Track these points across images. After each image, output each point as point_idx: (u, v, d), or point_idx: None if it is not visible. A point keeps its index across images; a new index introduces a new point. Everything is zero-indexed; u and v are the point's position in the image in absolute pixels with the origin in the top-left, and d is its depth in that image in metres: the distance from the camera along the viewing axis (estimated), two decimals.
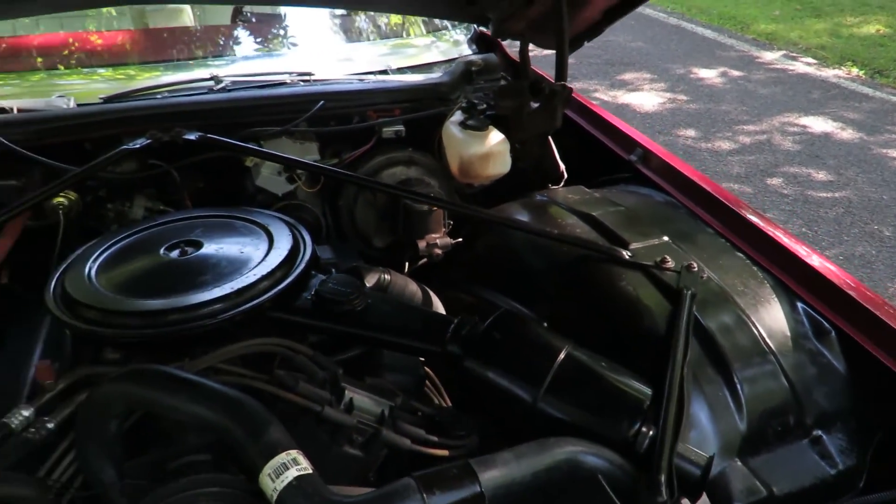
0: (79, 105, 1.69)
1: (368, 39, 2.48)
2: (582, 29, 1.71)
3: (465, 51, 2.30)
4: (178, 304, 1.12)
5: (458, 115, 1.83)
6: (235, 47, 2.25)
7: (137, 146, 1.48)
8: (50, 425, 0.99)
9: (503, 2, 1.58)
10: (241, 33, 2.30)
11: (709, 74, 6.40)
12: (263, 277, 1.19)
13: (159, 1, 1.76)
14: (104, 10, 2.24)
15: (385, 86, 1.89)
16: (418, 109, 1.87)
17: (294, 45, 2.35)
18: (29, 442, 0.96)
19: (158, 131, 1.52)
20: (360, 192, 1.82)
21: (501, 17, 1.63)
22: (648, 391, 1.03)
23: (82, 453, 0.94)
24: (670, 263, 1.30)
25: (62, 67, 2.03)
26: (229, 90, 1.77)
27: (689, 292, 1.22)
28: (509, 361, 1.06)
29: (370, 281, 1.37)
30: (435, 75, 2.06)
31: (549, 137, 1.84)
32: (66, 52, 2.09)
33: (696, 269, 1.29)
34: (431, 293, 1.46)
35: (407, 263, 1.82)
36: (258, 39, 2.31)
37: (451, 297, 1.57)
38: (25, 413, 0.97)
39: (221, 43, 2.28)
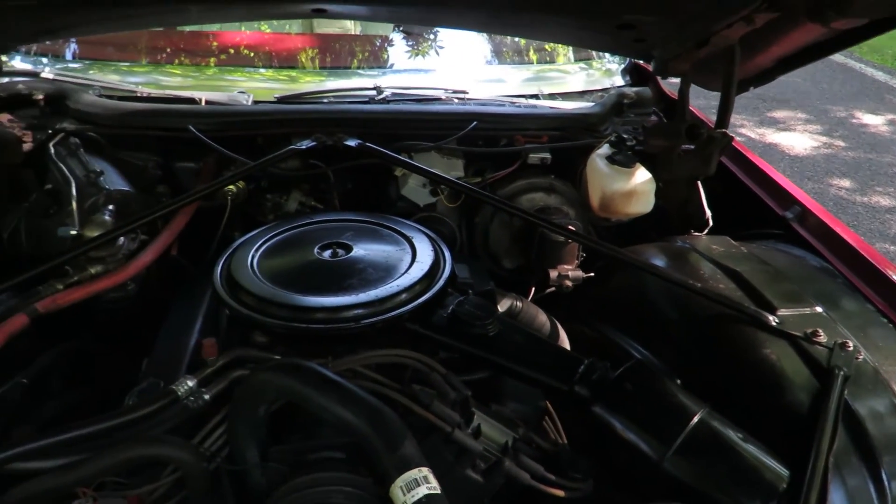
0: (255, 102, 1.85)
1: (518, 62, 2.51)
2: (751, 74, 1.64)
3: (618, 81, 2.27)
4: (326, 303, 1.21)
5: (604, 148, 1.82)
6: (395, 59, 2.35)
7: (304, 147, 1.60)
8: (206, 397, 1.10)
9: (673, 42, 1.55)
10: (401, 45, 2.41)
11: (874, 121, 5.88)
12: (405, 289, 1.25)
13: (311, 16, 1.85)
14: None
15: (535, 112, 1.91)
16: (566, 137, 1.87)
17: (448, 61, 2.43)
18: (188, 410, 1.07)
19: (323, 135, 1.64)
20: (497, 212, 1.86)
21: (668, 56, 1.60)
22: (785, 473, 0.98)
23: (232, 430, 1.03)
24: (822, 338, 1.22)
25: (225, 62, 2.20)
26: (389, 101, 1.86)
27: (842, 373, 1.14)
28: (639, 414, 1.04)
29: (502, 306, 1.40)
30: (585, 105, 2.06)
31: (698, 182, 1.78)
32: (238, 49, 2.29)
33: (850, 347, 1.21)
34: (559, 326, 1.46)
35: (533, 289, 1.83)
36: (416, 53, 2.41)
37: (574, 330, 1.56)
38: (190, 383, 1.08)
39: (382, 54, 2.40)
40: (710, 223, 1.77)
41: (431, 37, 2.47)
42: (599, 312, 1.62)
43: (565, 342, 1.46)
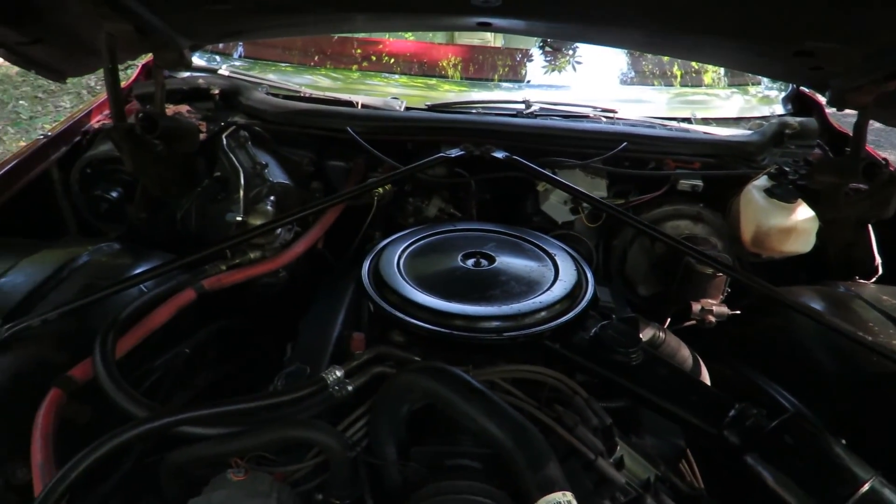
0: (407, 109, 1.91)
1: (661, 82, 2.43)
2: None
3: (778, 109, 2.14)
4: (469, 311, 1.22)
5: (762, 180, 1.71)
6: (538, 73, 2.36)
7: (453, 155, 1.64)
8: (350, 388, 1.14)
9: (856, 72, 1.43)
10: (548, 60, 2.41)
11: None
12: (546, 306, 1.24)
13: (475, 29, 1.88)
14: None
15: (688, 136, 1.84)
16: (720, 165, 1.79)
17: (591, 78, 2.40)
18: (331, 398, 1.12)
19: (472, 145, 1.66)
20: (637, 236, 1.80)
21: (847, 87, 1.48)
22: None
23: (374, 424, 1.06)
24: None
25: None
26: (536, 115, 1.86)
27: None
28: (800, 472, 0.97)
29: (644, 335, 1.35)
30: (741, 132, 1.95)
31: (869, 225, 1.63)
32: (382, 56, 2.39)
33: None
34: (702, 363, 1.39)
35: (669, 320, 1.75)
36: (558, 68, 2.39)
37: (713, 370, 1.48)
38: (338, 373, 1.12)
39: (521, 68, 2.41)
40: (880, 271, 1.61)
41: (571, 52, 2.46)
42: (743, 354, 1.53)
43: (706, 380, 1.38)
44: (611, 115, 1.91)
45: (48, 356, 1.17)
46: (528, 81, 2.34)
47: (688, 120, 1.97)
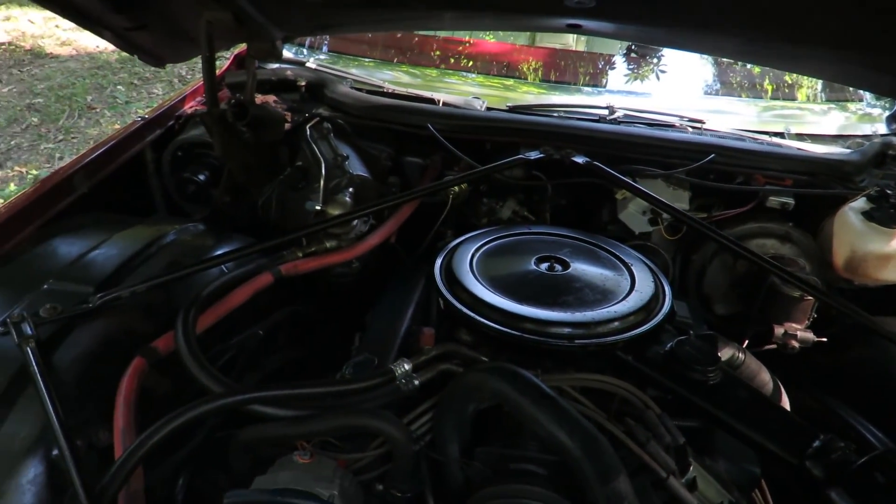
0: (488, 109, 1.90)
1: (751, 94, 2.33)
2: None
3: (881, 129, 2.01)
4: (541, 316, 1.20)
5: (860, 202, 1.61)
6: (621, 79, 2.30)
7: (532, 157, 1.62)
8: (416, 383, 1.14)
9: None
10: (631, 68, 2.35)
11: None
12: (621, 316, 1.21)
13: (565, 31, 1.86)
14: None
15: (780, 151, 1.75)
16: (814, 184, 1.69)
17: (675, 86, 2.33)
18: (398, 391, 1.12)
19: (552, 148, 1.64)
20: (718, 252, 1.73)
21: None
22: None
23: (439, 421, 1.06)
24: None
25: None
26: (619, 122, 1.82)
27: None
28: None
29: (723, 354, 1.30)
30: (839, 150, 1.85)
31: None
32: (462, 55, 2.39)
33: None
34: (782, 390, 1.32)
35: (746, 342, 1.67)
36: (641, 76, 2.33)
37: (793, 398, 1.40)
38: (407, 367, 1.13)
39: (603, 75, 2.36)
40: None
41: (656, 60, 2.39)
42: (829, 384, 1.44)
43: (786, 406, 1.31)
44: (698, 125, 1.84)
45: (135, 326, 1.22)
46: (611, 87, 2.28)
47: (780, 135, 1.88)
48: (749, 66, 2.34)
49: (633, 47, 2.26)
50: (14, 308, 1.14)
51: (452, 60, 2.32)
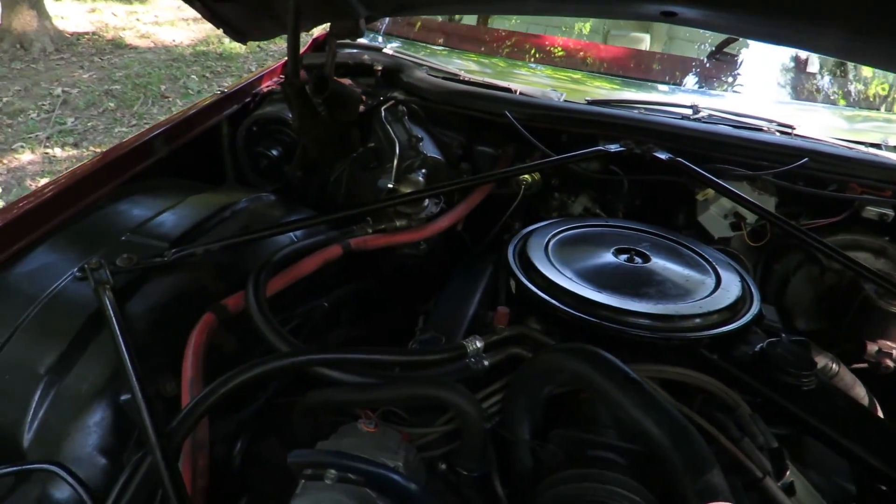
0: (566, 101, 1.86)
1: (850, 103, 2.22)
2: None
3: None
4: (620, 304, 1.14)
5: None
6: (705, 82, 2.22)
7: (612, 150, 1.56)
8: (486, 363, 1.10)
9: None
10: (717, 69, 2.27)
11: None
12: (705, 313, 1.14)
13: (658, 19, 1.80)
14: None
15: (880, 160, 1.64)
16: None
17: (767, 91, 2.24)
18: (467, 369, 1.08)
19: (633, 142, 1.58)
20: (804, 262, 1.63)
21: None
22: None
23: (511, 401, 1.01)
24: None
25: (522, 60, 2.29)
26: (705, 122, 1.75)
27: None
28: None
29: (817, 363, 1.20)
30: None
31: None
32: (534, 47, 2.35)
33: None
34: (878, 407, 1.22)
35: None
36: (734, 80, 2.24)
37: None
38: (478, 344, 1.08)
39: (690, 75, 2.29)
40: None
41: (739, 64, 2.30)
42: None
43: None
44: (788, 130, 1.75)
45: (206, 283, 1.22)
46: (689, 86, 2.21)
47: (877, 146, 1.77)
48: (835, 73, 2.25)
49: (717, 52, 2.18)
50: (92, 257, 1.15)
51: (527, 51, 2.29)
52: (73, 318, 1.08)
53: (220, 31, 1.62)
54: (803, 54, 2.23)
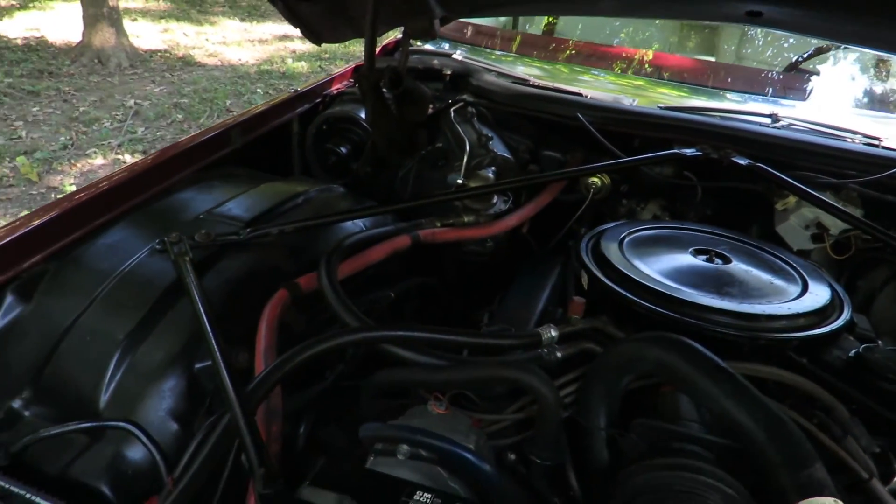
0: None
1: None
2: None
3: None
4: (700, 301, 1.09)
5: None
6: (787, 93, 2.16)
7: (688, 154, 1.52)
8: (559, 355, 1.07)
9: None
10: (794, 81, 2.20)
11: None
12: (795, 315, 1.08)
13: (741, 21, 1.74)
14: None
15: None
16: None
17: (852, 106, 2.16)
18: (539, 359, 1.05)
19: (710, 147, 1.53)
20: (893, 279, 1.54)
21: None
22: None
23: (587, 391, 0.97)
24: None
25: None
26: (785, 130, 1.69)
27: None
28: None
29: None
30: None
31: None
32: (595, 56, 2.34)
33: None
34: None
35: None
36: (811, 92, 2.17)
37: None
38: (553, 333, 1.05)
39: (766, 86, 2.22)
40: None
41: (815, 77, 2.22)
42: None
43: None
44: (874, 142, 1.68)
45: (279, 263, 1.23)
46: (767, 97, 2.13)
47: None
48: None
49: (797, 62, 2.12)
50: (171, 232, 1.18)
51: (587, 59, 2.27)
52: (152, 288, 1.10)
53: (284, 52, 1.66)
54: (885, 63, 2.15)
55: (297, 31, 1.64)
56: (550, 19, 2.74)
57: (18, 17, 8.02)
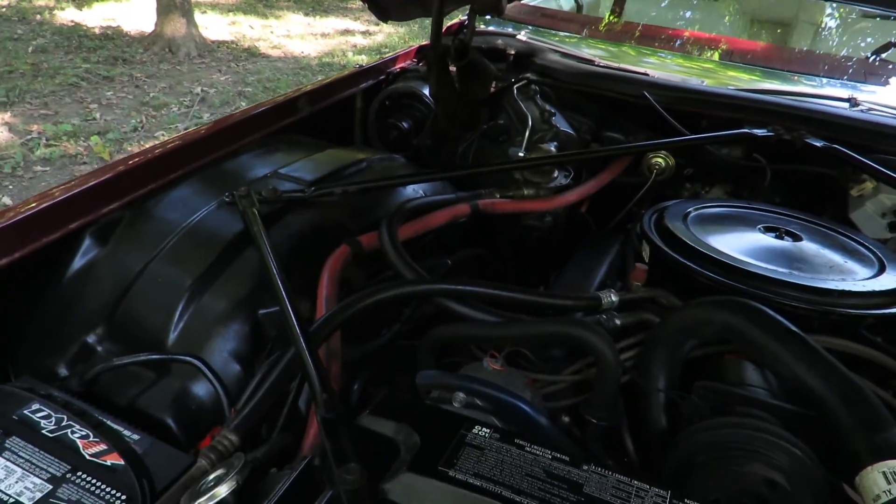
0: None
1: None
2: None
3: None
4: (768, 273, 1.06)
5: None
6: (867, 79, 2.06)
7: (759, 134, 1.47)
8: (617, 322, 1.05)
9: None
10: (875, 69, 2.10)
11: None
12: (870, 293, 1.03)
13: None
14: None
15: None
16: None
17: None
18: (598, 325, 1.03)
19: (782, 128, 1.48)
20: None
21: None
22: None
23: (648, 355, 0.95)
24: None
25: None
26: (864, 113, 1.62)
27: None
28: None
29: None
30: None
31: None
32: (663, 38, 2.29)
33: None
34: None
35: None
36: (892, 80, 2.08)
37: None
38: (613, 297, 1.04)
39: (846, 70, 2.13)
40: None
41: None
42: None
43: None
44: None
45: (342, 221, 1.25)
46: (868, 86, 2.03)
47: None
48: None
49: (881, 53, 2.03)
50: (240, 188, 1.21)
51: (654, 41, 2.23)
52: (220, 237, 1.13)
53: (345, 46, 1.69)
54: None
55: (358, 26, 1.66)
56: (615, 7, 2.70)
57: (97, 8, 8.40)
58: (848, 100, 1.67)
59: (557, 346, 1.05)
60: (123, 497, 0.75)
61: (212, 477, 0.65)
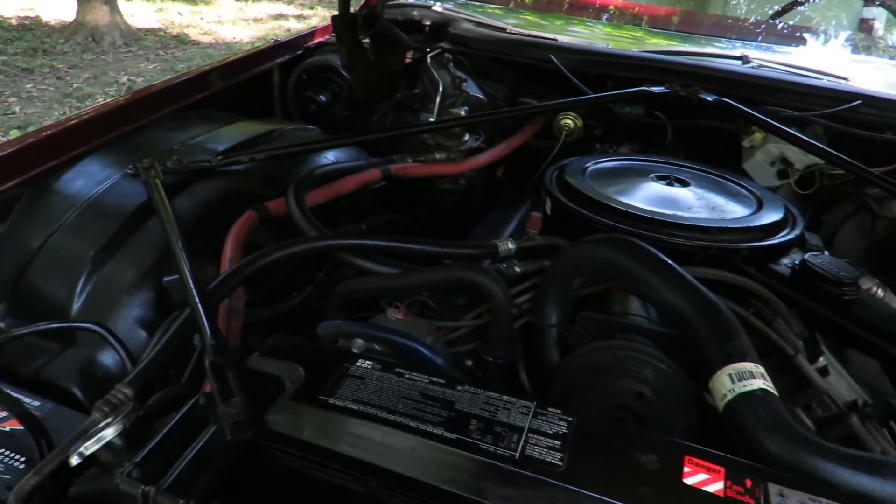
0: None
1: None
2: None
3: None
4: (655, 216, 1.12)
5: None
6: (768, 39, 2.19)
7: (655, 91, 1.54)
8: (517, 269, 1.11)
9: None
10: (778, 32, 2.23)
11: None
12: (746, 228, 1.12)
13: None
14: None
15: None
16: None
17: (822, 46, 2.19)
18: (498, 273, 1.09)
19: (678, 85, 1.56)
20: (854, 214, 1.57)
21: None
22: None
23: (541, 295, 1.01)
24: None
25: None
26: (754, 69, 1.71)
27: None
28: None
29: (861, 284, 1.16)
30: None
31: None
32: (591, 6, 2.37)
33: None
34: None
35: None
36: (795, 40, 2.20)
37: None
38: (510, 245, 1.09)
39: (754, 33, 2.26)
40: None
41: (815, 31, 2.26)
42: None
43: None
44: (842, 80, 1.70)
45: (254, 188, 1.27)
46: (747, 43, 2.17)
47: None
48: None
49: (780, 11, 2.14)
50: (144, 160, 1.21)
51: (582, 9, 2.31)
52: (123, 208, 1.14)
53: (279, 30, 1.69)
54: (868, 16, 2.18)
55: (292, 10, 1.67)
56: None
57: None
58: (740, 58, 1.76)
59: (460, 295, 1.10)
60: (23, 459, 0.77)
61: (101, 424, 0.67)
